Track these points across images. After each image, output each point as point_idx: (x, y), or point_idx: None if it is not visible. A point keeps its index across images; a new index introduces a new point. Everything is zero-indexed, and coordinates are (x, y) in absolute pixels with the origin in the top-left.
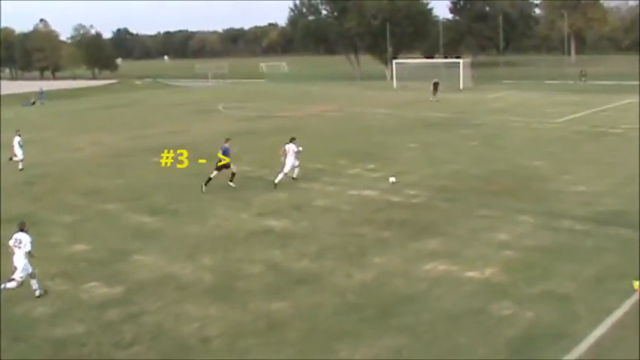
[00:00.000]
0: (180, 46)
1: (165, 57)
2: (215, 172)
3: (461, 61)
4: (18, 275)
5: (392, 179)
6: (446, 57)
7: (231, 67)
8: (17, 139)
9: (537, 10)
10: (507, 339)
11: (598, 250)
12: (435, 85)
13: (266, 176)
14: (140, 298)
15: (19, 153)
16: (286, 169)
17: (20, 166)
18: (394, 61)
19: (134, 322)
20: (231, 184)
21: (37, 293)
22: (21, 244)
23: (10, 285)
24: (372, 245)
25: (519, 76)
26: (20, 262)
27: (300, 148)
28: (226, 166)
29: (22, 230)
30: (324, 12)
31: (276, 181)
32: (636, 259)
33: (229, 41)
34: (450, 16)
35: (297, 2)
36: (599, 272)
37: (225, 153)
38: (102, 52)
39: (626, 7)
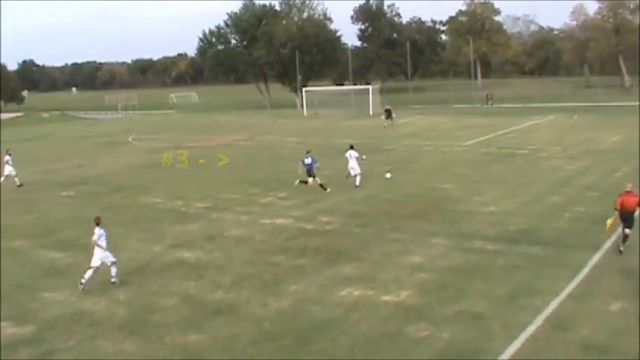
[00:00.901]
0: (89, 77)
1: (74, 89)
2: (311, 180)
3: (370, 87)
4: (95, 263)
5: (388, 175)
6: (355, 84)
7: (141, 98)
8: (7, 158)
9: (444, 37)
10: None
11: (509, 268)
12: (387, 111)
13: (178, 208)
14: (52, 337)
15: (8, 170)
16: (358, 170)
17: (18, 182)
18: (304, 89)
19: None
20: (327, 190)
21: (113, 280)
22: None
23: (88, 275)
24: (287, 273)
25: (428, 101)
26: (97, 252)
27: (364, 157)
28: (312, 175)
29: (97, 225)
30: (233, 41)
31: (357, 183)
32: (546, 275)
33: (138, 72)
34: (358, 43)
35: (207, 32)
36: (512, 290)
37: (312, 162)
38: (7, 85)
39: (527, 32)
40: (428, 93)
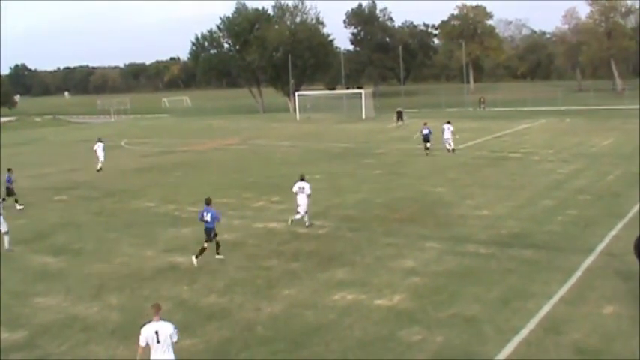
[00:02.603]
0: (81, 81)
1: (66, 93)
2: (428, 144)
3: (362, 91)
4: (302, 211)
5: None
6: (348, 88)
7: (134, 103)
8: (101, 145)
9: (436, 40)
10: None
11: (502, 271)
12: (399, 113)
13: (170, 212)
14: (44, 342)
15: (101, 156)
16: (450, 141)
17: (99, 166)
18: (297, 93)
19: None
20: (430, 151)
21: (307, 224)
22: (304, 190)
23: (297, 217)
24: (281, 277)
25: (420, 105)
26: (303, 202)
27: (457, 136)
28: (429, 141)
29: (302, 180)
30: (225, 45)
31: (452, 148)
32: (538, 278)
33: (131, 76)
34: (351, 47)
35: (199, 36)
36: (505, 293)
37: (429, 132)
38: None
39: (519, 36)
40: (420, 97)
